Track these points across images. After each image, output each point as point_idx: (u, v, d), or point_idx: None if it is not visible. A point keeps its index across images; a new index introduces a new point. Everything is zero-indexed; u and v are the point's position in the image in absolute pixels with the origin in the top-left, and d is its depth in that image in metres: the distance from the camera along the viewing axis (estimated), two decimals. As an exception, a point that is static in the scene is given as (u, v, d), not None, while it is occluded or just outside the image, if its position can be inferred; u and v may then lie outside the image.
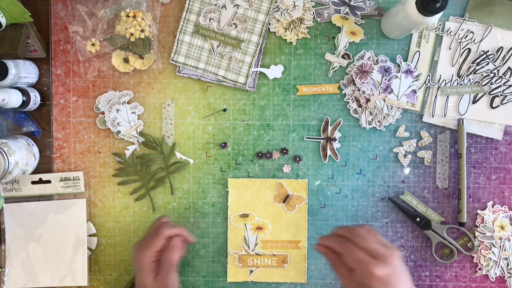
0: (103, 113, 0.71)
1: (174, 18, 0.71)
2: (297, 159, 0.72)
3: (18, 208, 0.72)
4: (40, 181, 0.72)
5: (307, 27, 0.71)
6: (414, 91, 0.71)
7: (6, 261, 0.72)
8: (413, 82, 0.71)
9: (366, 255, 0.55)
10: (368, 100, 0.71)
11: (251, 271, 0.72)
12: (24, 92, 0.67)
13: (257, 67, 0.71)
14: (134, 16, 0.67)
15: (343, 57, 0.71)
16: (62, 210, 0.72)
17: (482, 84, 0.71)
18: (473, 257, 0.72)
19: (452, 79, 0.71)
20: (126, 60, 0.69)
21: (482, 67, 0.71)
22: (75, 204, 0.72)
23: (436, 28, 0.71)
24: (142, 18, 0.68)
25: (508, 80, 0.70)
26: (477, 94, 0.71)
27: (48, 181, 0.72)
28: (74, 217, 0.72)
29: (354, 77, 0.71)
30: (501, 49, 0.70)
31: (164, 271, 0.63)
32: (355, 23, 0.71)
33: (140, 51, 0.69)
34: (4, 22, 0.64)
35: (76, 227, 0.72)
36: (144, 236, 0.67)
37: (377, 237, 0.58)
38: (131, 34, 0.68)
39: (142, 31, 0.68)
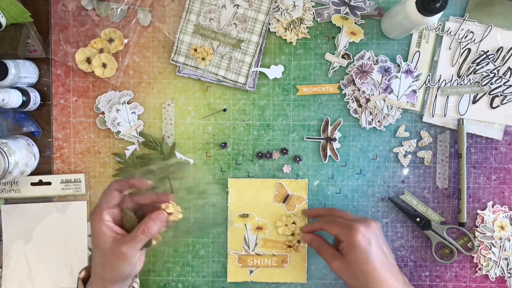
0: (103, 113, 0.71)
1: (174, 18, 0.71)
2: (297, 159, 0.72)
3: (16, 208, 0.72)
4: (40, 183, 0.71)
5: (307, 27, 0.71)
6: (414, 91, 0.71)
7: (4, 262, 0.72)
8: (413, 82, 0.71)
9: (349, 220, 0.62)
10: (368, 100, 0.71)
11: (251, 271, 0.72)
12: (24, 92, 0.67)
13: (257, 67, 0.71)
14: (101, 50, 0.69)
15: (343, 57, 0.71)
16: (62, 211, 0.72)
17: (482, 84, 0.71)
18: (473, 257, 0.72)
19: (452, 79, 0.71)
20: (88, 61, 0.69)
21: (482, 67, 0.71)
22: (76, 206, 0.72)
23: (436, 28, 0.71)
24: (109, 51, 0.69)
25: (508, 80, 0.70)
26: (477, 94, 0.71)
27: (49, 183, 0.72)
28: (74, 219, 0.72)
29: (354, 77, 0.71)
30: (501, 49, 0.70)
31: (131, 236, 0.55)
32: (355, 23, 0.71)
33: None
34: (4, 22, 0.64)
35: (76, 229, 0.72)
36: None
37: (349, 214, 0.66)
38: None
39: (103, 65, 0.69)
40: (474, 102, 0.71)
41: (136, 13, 0.71)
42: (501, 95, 0.71)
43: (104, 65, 0.70)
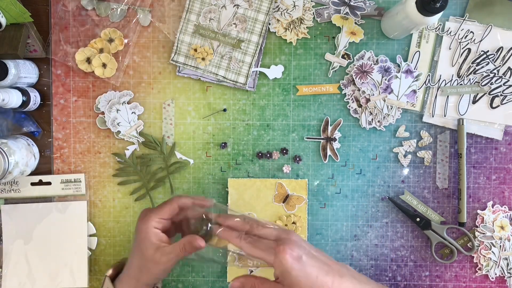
0: (103, 113, 0.71)
1: (174, 19, 0.71)
2: (297, 159, 0.72)
3: (16, 208, 0.72)
4: (40, 183, 0.71)
5: (307, 27, 0.71)
6: (414, 91, 0.71)
7: (4, 261, 0.72)
8: (413, 82, 0.71)
9: (269, 254, 0.54)
10: (368, 100, 0.71)
11: (251, 271, 0.72)
12: (24, 92, 0.67)
13: (257, 67, 0.71)
14: (102, 50, 0.69)
15: (343, 57, 0.71)
16: (62, 211, 0.72)
17: (482, 84, 0.71)
18: (473, 257, 0.72)
19: (452, 79, 0.71)
20: (88, 61, 0.69)
21: (482, 67, 0.71)
22: (76, 206, 0.72)
23: (436, 28, 0.71)
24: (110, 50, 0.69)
25: (508, 80, 0.70)
26: (477, 94, 0.71)
27: (49, 183, 0.72)
28: (74, 219, 0.72)
29: (354, 77, 0.71)
30: (501, 49, 0.70)
31: (172, 248, 0.57)
32: (355, 23, 0.71)
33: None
34: (4, 22, 0.64)
35: (76, 229, 0.72)
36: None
37: (259, 224, 0.59)
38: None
39: (103, 65, 0.70)
40: (474, 102, 0.71)
41: (136, 13, 0.71)
42: (501, 95, 0.71)
43: (104, 65, 0.70)
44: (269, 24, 0.71)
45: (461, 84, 0.71)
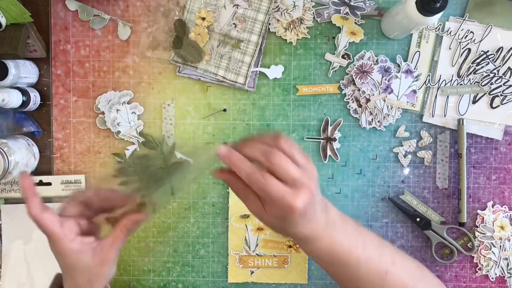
0: (103, 113, 0.71)
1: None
2: (297, 159, 0.72)
3: (16, 208, 0.72)
4: (41, 183, 0.71)
5: (307, 27, 0.71)
6: (414, 91, 0.71)
7: (3, 262, 0.71)
8: (413, 82, 0.71)
9: (283, 184, 0.44)
10: (368, 100, 0.71)
11: (252, 272, 0.72)
12: (24, 92, 0.67)
13: (257, 67, 0.71)
14: (204, 18, 0.68)
15: (343, 57, 0.71)
16: (62, 211, 0.72)
17: (482, 84, 0.71)
18: (473, 257, 0.72)
19: (452, 79, 0.71)
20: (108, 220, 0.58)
21: (482, 67, 0.71)
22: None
23: (436, 28, 0.71)
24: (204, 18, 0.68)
25: (508, 80, 0.71)
26: (477, 94, 0.71)
27: (49, 183, 0.71)
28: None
29: (354, 77, 0.71)
30: (501, 49, 0.70)
31: (111, 238, 0.50)
32: (355, 23, 0.71)
33: (191, 59, 0.69)
34: (4, 22, 0.64)
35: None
36: None
37: (293, 150, 0.46)
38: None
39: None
40: (474, 102, 0.71)
41: (116, 24, 0.71)
42: (501, 95, 0.71)
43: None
44: (269, 24, 0.71)
45: (461, 84, 0.71)
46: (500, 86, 0.71)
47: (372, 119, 0.71)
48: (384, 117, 0.71)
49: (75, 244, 0.49)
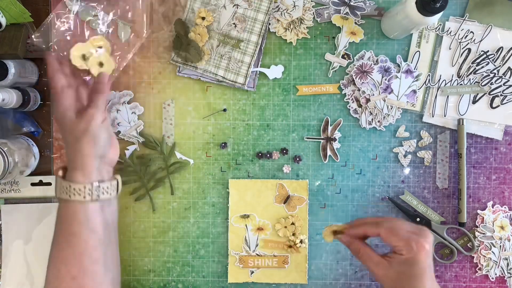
0: (103, 113, 0.71)
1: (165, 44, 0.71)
2: (297, 159, 0.72)
3: (16, 208, 0.72)
4: (41, 183, 0.71)
5: (307, 27, 0.71)
6: (414, 91, 0.71)
7: (3, 262, 0.71)
8: (413, 82, 0.71)
9: (410, 232, 0.56)
10: (368, 100, 0.71)
11: (252, 272, 0.72)
12: (24, 92, 0.67)
13: (257, 67, 0.71)
14: (203, 18, 0.69)
15: (343, 57, 0.71)
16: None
17: (482, 84, 0.71)
18: (473, 257, 0.72)
19: (452, 79, 0.71)
20: (84, 57, 0.64)
21: (482, 67, 0.71)
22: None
23: (436, 28, 0.71)
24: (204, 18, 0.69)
25: (508, 80, 0.71)
26: (477, 94, 0.71)
27: (49, 183, 0.71)
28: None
29: (354, 77, 0.71)
30: (501, 49, 0.70)
31: (90, 100, 0.59)
32: (355, 23, 0.71)
33: (190, 59, 0.69)
34: (4, 22, 0.64)
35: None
36: None
37: (405, 222, 0.60)
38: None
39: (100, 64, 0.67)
40: (474, 102, 0.71)
41: (117, 25, 0.70)
42: (501, 95, 0.71)
43: (101, 64, 0.67)
44: (269, 24, 0.71)
45: (461, 84, 0.71)
46: (500, 86, 0.71)
47: (372, 119, 0.71)
48: (384, 117, 0.71)
49: (65, 102, 0.58)
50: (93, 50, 0.65)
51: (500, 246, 0.71)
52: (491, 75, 0.71)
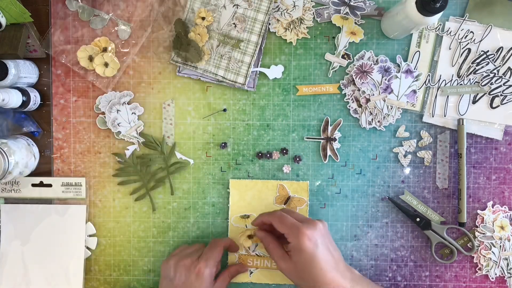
0: (103, 113, 0.71)
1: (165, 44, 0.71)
2: (297, 159, 0.72)
3: (16, 209, 0.72)
4: (41, 184, 0.71)
5: (307, 27, 0.71)
6: (414, 91, 0.71)
7: (0, 262, 0.71)
8: (413, 82, 0.71)
9: (296, 221, 0.62)
10: (368, 100, 0.71)
11: (251, 272, 0.72)
12: (24, 92, 0.67)
13: (257, 67, 0.71)
14: (203, 18, 0.69)
15: (343, 57, 0.71)
16: (61, 214, 0.71)
17: (482, 84, 0.71)
18: (473, 257, 0.72)
19: (452, 79, 0.71)
20: (90, 58, 0.69)
21: (482, 67, 0.71)
22: (75, 209, 0.71)
23: (436, 28, 0.71)
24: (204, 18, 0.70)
25: (508, 80, 0.71)
26: (477, 94, 0.71)
27: (49, 185, 0.71)
28: (72, 222, 0.71)
29: (354, 77, 0.71)
30: (501, 49, 0.70)
31: (222, 279, 0.67)
32: (355, 23, 0.71)
33: (190, 59, 0.69)
34: (4, 22, 0.64)
35: (74, 233, 0.71)
36: (187, 251, 0.68)
37: (297, 213, 0.67)
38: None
39: (106, 64, 0.70)
40: (474, 102, 0.71)
41: (116, 24, 0.70)
42: (501, 95, 0.71)
43: (106, 64, 0.69)
44: (269, 24, 0.71)
45: (461, 84, 0.71)
46: (500, 86, 0.71)
47: (372, 119, 0.71)
48: (384, 117, 0.71)
49: (209, 278, 0.65)
50: (97, 51, 0.68)
51: (500, 246, 0.71)
52: (491, 75, 0.71)
